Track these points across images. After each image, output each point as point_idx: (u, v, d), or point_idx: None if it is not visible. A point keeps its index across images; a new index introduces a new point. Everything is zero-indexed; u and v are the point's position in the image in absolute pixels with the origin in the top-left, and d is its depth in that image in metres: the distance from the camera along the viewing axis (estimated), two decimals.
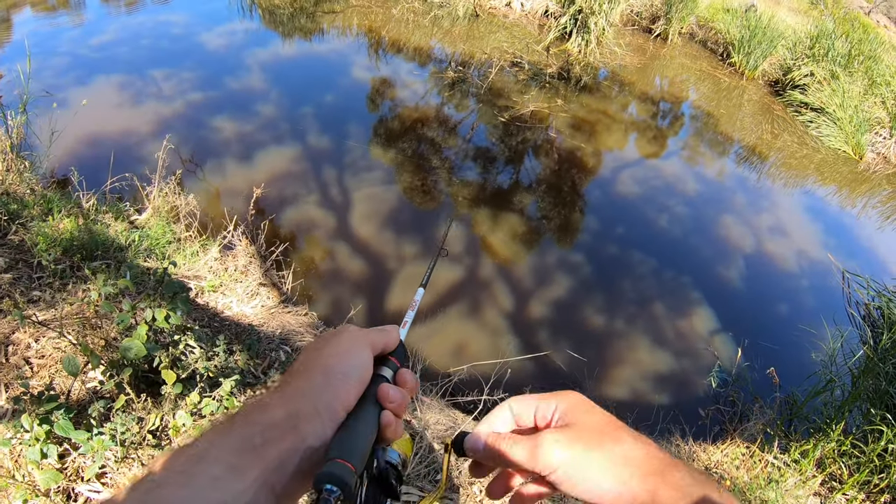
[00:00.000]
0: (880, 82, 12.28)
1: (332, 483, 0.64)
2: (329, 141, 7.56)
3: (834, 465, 4.57)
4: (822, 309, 6.86)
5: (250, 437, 0.67)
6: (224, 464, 0.64)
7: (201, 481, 0.62)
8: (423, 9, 12.01)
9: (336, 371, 0.76)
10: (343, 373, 0.77)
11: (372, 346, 0.83)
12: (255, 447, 0.67)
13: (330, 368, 0.77)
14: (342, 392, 0.75)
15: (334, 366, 0.77)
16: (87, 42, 8.91)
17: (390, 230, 6.33)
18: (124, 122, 7.03)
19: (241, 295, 4.73)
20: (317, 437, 0.70)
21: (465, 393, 4.43)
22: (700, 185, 9.02)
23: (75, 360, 2.71)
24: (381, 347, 0.86)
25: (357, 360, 0.80)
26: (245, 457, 0.65)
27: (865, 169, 10.83)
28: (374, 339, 0.84)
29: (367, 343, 0.83)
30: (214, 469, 0.64)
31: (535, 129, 8.93)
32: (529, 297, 6.02)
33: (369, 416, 0.77)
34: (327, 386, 0.75)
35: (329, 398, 0.74)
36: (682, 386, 5.55)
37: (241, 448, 0.66)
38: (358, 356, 0.80)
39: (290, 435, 0.69)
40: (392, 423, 0.78)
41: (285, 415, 0.71)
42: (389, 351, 0.88)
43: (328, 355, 0.79)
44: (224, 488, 0.63)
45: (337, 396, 0.74)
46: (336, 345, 0.80)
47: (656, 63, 12.97)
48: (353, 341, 0.82)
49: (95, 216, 4.88)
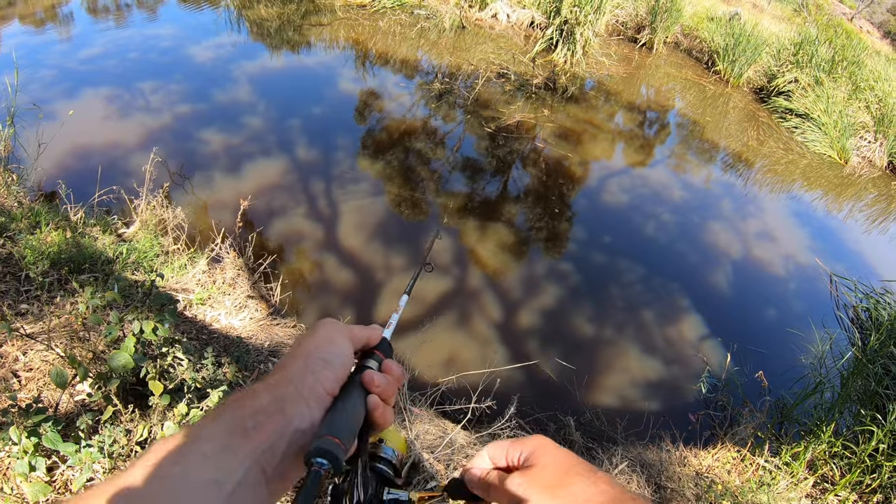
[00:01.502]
0: (864, 87, 12.41)
1: (322, 457, 0.67)
2: (317, 153, 7.56)
3: (825, 467, 4.58)
4: (811, 312, 6.89)
5: (240, 420, 0.70)
6: (216, 444, 0.67)
7: (194, 459, 0.65)
8: (409, 21, 12.07)
9: (316, 357, 0.80)
10: (323, 359, 0.80)
11: (352, 337, 0.87)
12: (246, 429, 0.69)
13: (310, 354, 0.80)
14: (323, 376, 0.78)
15: (314, 352, 0.81)
16: (76, 55, 8.91)
17: (378, 242, 6.33)
18: (112, 135, 7.01)
19: (229, 307, 4.72)
20: (303, 419, 0.73)
21: (453, 402, 4.42)
22: (687, 193, 9.06)
23: (63, 373, 2.70)
24: (364, 341, 0.90)
25: (336, 347, 0.83)
26: (235, 438, 0.68)
27: (851, 173, 10.91)
28: (355, 331, 0.89)
29: (346, 333, 0.87)
30: (206, 448, 0.67)
31: (522, 140, 8.96)
32: (518, 306, 6.03)
33: (356, 399, 0.79)
34: (308, 371, 0.78)
35: (311, 382, 0.77)
36: (672, 392, 5.56)
37: (232, 430, 0.69)
38: (337, 344, 0.84)
39: (277, 417, 0.72)
40: (379, 406, 0.81)
41: (271, 399, 0.74)
42: (373, 345, 0.91)
43: (308, 343, 0.82)
44: (216, 466, 0.65)
45: (319, 380, 0.78)
46: (316, 335, 0.84)
47: (642, 72, 13.04)
48: (333, 331, 0.86)
49: (83, 229, 4.86)
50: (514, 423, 4.31)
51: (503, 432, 4.23)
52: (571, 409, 4.99)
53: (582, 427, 4.82)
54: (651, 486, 4.16)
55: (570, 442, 4.57)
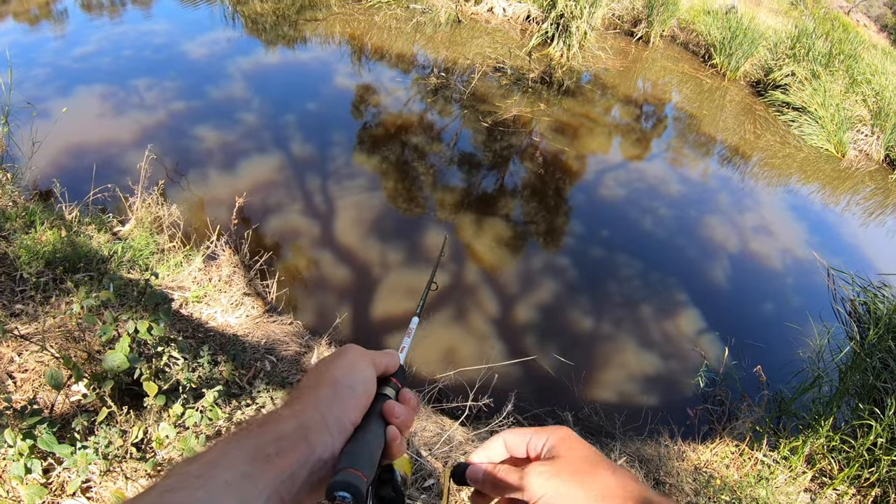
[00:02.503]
0: (861, 80, 12.39)
1: (345, 490, 0.67)
2: (312, 149, 7.54)
3: (823, 461, 4.58)
4: (808, 306, 6.89)
5: (262, 447, 0.69)
6: (237, 471, 0.66)
7: (215, 486, 0.64)
8: (405, 15, 12.04)
9: (343, 385, 0.80)
10: (349, 386, 0.80)
11: (375, 364, 0.87)
12: (268, 456, 0.69)
13: (337, 382, 0.80)
14: (349, 405, 0.79)
15: (341, 380, 0.80)
16: (70, 53, 8.86)
17: (375, 238, 6.31)
18: (106, 133, 6.98)
19: (225, 305, 4.71)
20: (325, 449, 0.73)
21: (450, 399, 4.41)
22: (684, 187, 9.05)
23: (58, 374, 2.69)
24: (384, 368, 0.89)
25: (362, 375, 0.83)
26: (257, 465, 0.68)
27: (848, 166, 10.91)
28: (377, 358, 0.88)
29: (370, 361, 0.86)
30: (228, 475, 0.66)
31: (519, 134, 8.94)
32: (515, 301, 6.02)
33: (377, 430, 0.80)
34: (335, 399, 0.78)
35: (337, 412, 0.77)
36: (670, 387, 5.56)
37: (254, 457, 0.68)
38: (362, 372, 0.83)
39: (301, 446, 0.71)
40: (398, 438, 0.82)
41: (296, 426, 0.73)
42: (391, 372, 0.91)
43: (335, 370, 0.82)
44: (236, 494, 0.65)
45: (344, 410, 0.78)
46: (342, 361, 0.84)
47: (638, 66, 13.02)
48: (358, 358, 0.85)
49: (78, 228, 4.84)
50: (511, 419, 4.31)
51: (501, 429, 4.21)
52: (569, 404, 4.99)
53: (580, 422, 4.82)
54: (650, 481, 4.15)
55: None
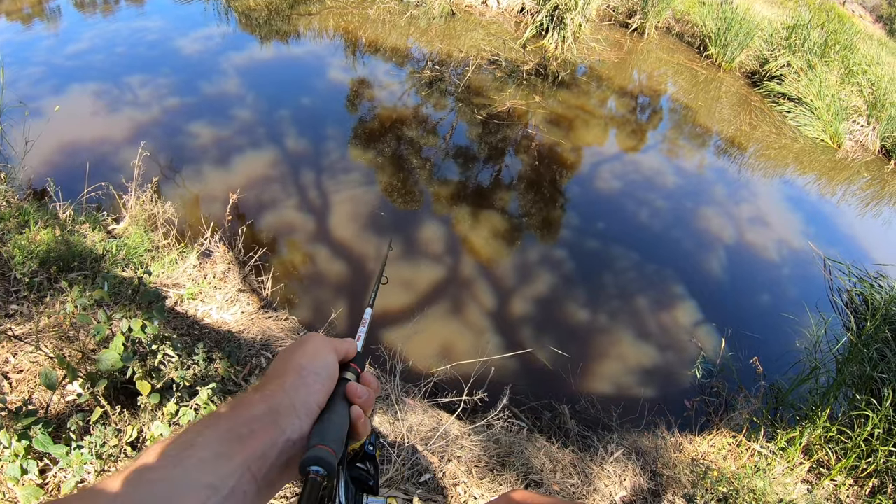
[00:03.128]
0: (856, 71, 12.41)
1: (317, 464, 0.71)
2: (307, 144, 7.52)
3: (821, 452, 4.59)
4: (805, 297, 6.90)
5: (235, 429, 0.74)
6: (211, 450, 0.70)
7: (191, 464, 0.68)
8: (398, 9, 12.00)
9: (308, 370, 0.84)
10: (314, 372, 0.85)
11: (336, 350, 0.92)
12: (241, 437, 0.73)
13: (302, 368, 0.84)
14: (315, 389, 0.83)
15: (306, 366, 0.85)
16: (63, 51, 8.82)
17: (370, 232, 6.30)
18: (100, 131, 6.95)
19: (220, 302, 4.70)
20: (294, 430, 0.77)
21: (446, 393, 4.41)
22: (680, 178, 9.05)
23: (52, 374, 2.69)
24: (344, 354, 0.95)
25: (324, 360, 0.88)
26: (230, 445, 0.72)
27: (844, 157, 10.92)
28: (338, 345, 0.93)
29: (332, 347, 0.91)
30: (203, 453, 0.70)
31: (514, 127, 8.93)
32: (511, 294, 6.02)
33: (341, 411, 0.84)
34: (301, 384, 0.82)
35: (304, 395, 0.81)
36: (667, 378, 5.56)
37: (227, 437, 0.72)
38: (325, 358, 0.88)
39: (271, 427, 0.75)
40: (362, 416, 0.87)
41: (266, 409, 0.77)
42: (350, 358, 0.96)
43: (300, 357, 0.86)
44: (211, 471, 0.69)
45: (311, 393, 0.82)
46: (306, 349, 0.88)
47: (633, 57, 13.00)
48: (321, 345, 0.90)
49: (72, 227, 4.83)
50: (507, 412, 4.31)
51: (497, 423, 4.22)
52: (566, 396, 5.00)
53: (577, 415, 4.83)
54: (647, 474, 4.16)
55: (566, 430, 4.57)
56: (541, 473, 3.84)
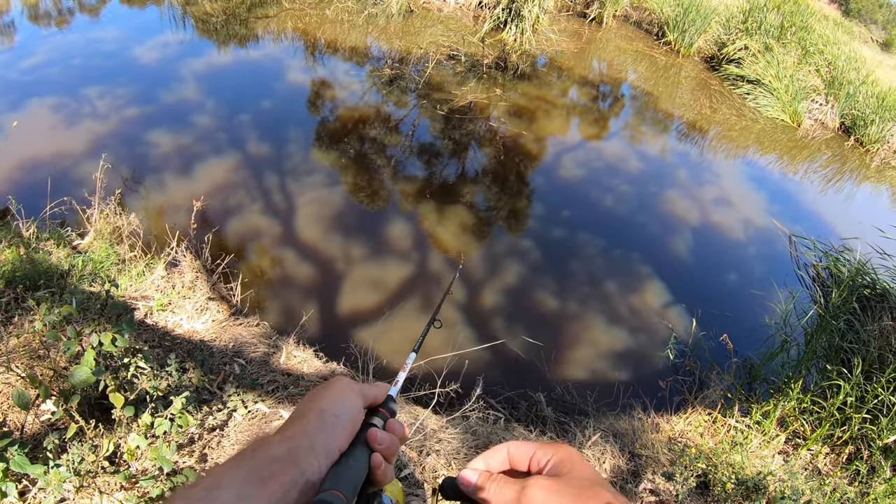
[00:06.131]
0: (813, 51, 12.60)
1: None
2: (269, 148, 7.44)
3: (796, 423, 4.63)
4: (772, 273, 6.96)
5: (257, 470, 0.74)
6: (235, 492, 0.71)
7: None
8: (356, 8, 11.94)
9: (329, 413, 0.84)
10: (335, 415, 0.84)
11: (362, 394, 0.92)
12: (262, 479, 0.73)
13: (323, 411, 0.84)
14: (335, 432, 0.83)
15: (327, 409, 0.85)
16: (18, 65, 8.66)
17: (337, 232, 6.25)
18: (60, 145, 6.82)
19: (190, 311, 4.64)
20: (314, 472, 0.77)
21: (420, 388, 4.38)
22: (643, 164, 9.10)
23: (25, 394, 2.63)
24: (372, 399, 0.94)
25: (347, 404, 0.87)
26: (253, 487, 0.72)
27: (804, 135, 11.07)
28: (365, 390, 0.93)
29: (357, 391, 0.91)
30: (227, 496, 0.70)
31: (476, 121, 8.93)
32: (481, 287, 6.00)
33: (360, 456, 0.83)
34: (321, 426, 0.82)
35: (324, 437, 0.81)
36: (640, 361, 5.58)
37: (249, 479, 0.73)
38: (349, 400, 0.88)
39: (292, 468, 0.76)
40: (381, 464, 0.85)
41: (286, 451, 0.77)
42: (379, 403, 0.95)
43: (322, 400, 0.86)
44: None
45: (331, 436, 0.82)
46: (329, 392, 0.88)
47: (593, 47, 13.08)
48: (345, 388, 0.90)
49: (37, 244, 4.73)
50: (481, 402, 4.29)
51: (472, 413, 4.20)
52: (541, 385, 4.99)
53: (553, 402, 4.82)
54: (625, 455, 4.16)
55: (542, 418, 4.56)
56: None
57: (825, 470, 4.42)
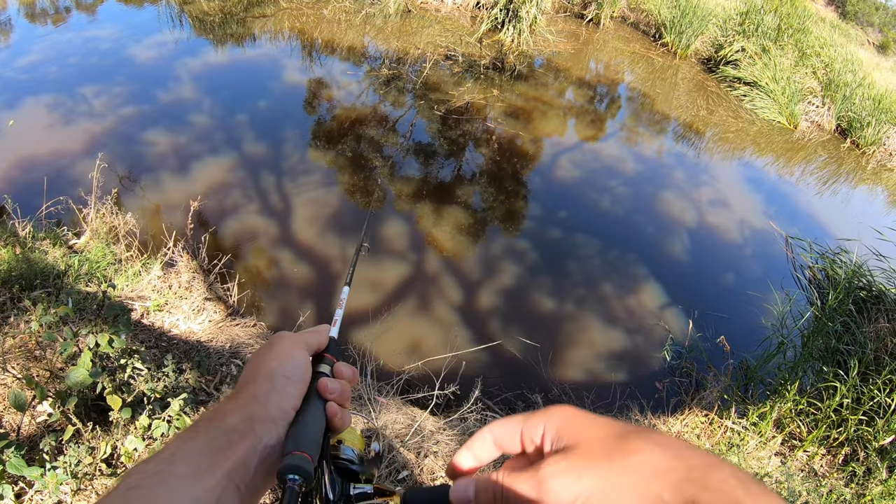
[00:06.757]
0: (810, 53, 12.62)
1: (293, 473, 0.71)
2: (266, 147, 7.42)
3: (792, 424, 4.64)
4: (769, 275, 6.98)
5: (213, 440, 0.73)
6: (193, 465, 0.70)
7: (173, 481, 0.68)
8: (354, 8, 11.92)
9: (279, 374, 0.83)
10: (285, 376, 0.83)
11: (307, 346, 0.90)
12: (219, 448, 0.72)
13: (273, 372, 0.83)
14: (287, 394, 0.81)
15: (277, 369, 0.83)
16: (15, 63, 8.61)
17: (334, 232, 6.24)
18: (56, 144, 6.79)
19: (187, 312, 4.62)
20: (272, 437, 0.77)
21: (418, 389, 4.38)
22: (640, 165, 9.11)
23: (21, 395, 2.62)
24: (316, 346, 0.92)
25: (295, 361, 0.86)
26: (211, 457, 0.71)
27: (801, 137, 11.09)
28: (308, 340, 0.91)
29: (302, 345, 0.89)
30: (184, 469, 0.69)
31: (473, 121, 8.92)
32: (478, 288, 6.00)
33: (316, 410, 0.83)
34: (273, 390, 0.81)
35: (277, 400, 0.80)
36: (637, 362, 5.58)
37: (206, 450, 0.72)
38: (296, 358, 0.86)
39: (249, 436, 0.75)
40: (337, 412, 0.85)
41: (241, 418, 0.76)
42: (323, 349, 0.94)
43: (270, 361, 0.84)
44: (195, 486, 0.68)
45: (284, 398, 0.81)
46: (275, 351, 0.86)
47: (590, 48, 13.08)
48: (290, 345, 0.88)
49: (33, 244, 4.71)
50: (480, 404, 4.29)
51: (470, 415, 4.20)
52: (539, 386, 4.99)
53: (550, 403, 4.79)
54: None
55: None
56: None
57: (822, 471, 4.42)
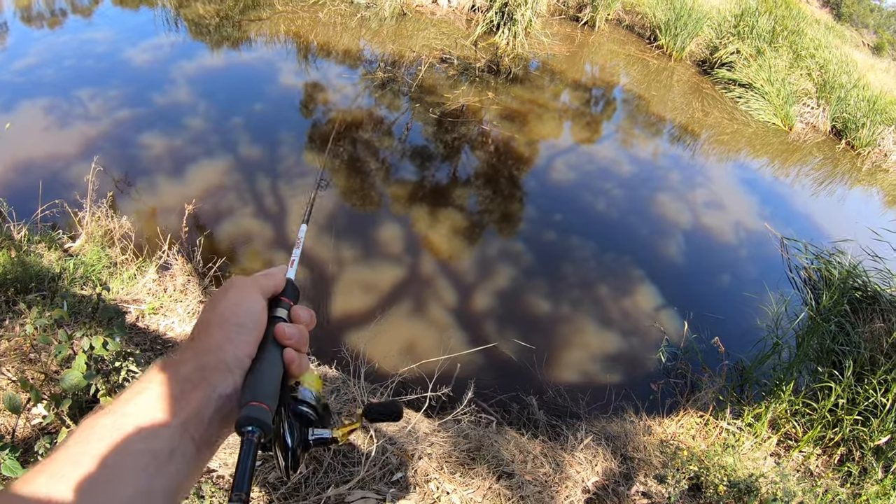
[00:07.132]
0: (805, 55, 12.66)
1: (251, 424, 0.70)
2: (262, 150, 7.41)
3: (788, 425, 4.64)
4: (764, 276, 6.98)
5: (166, 391, 0.73)
6: (146, 416, 0.70)
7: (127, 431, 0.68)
8: (349, 11, 11.93)
9: (232, 323, 0.81)
10: (238, 324, 0.81)
11: (262, 290, 0.88)
12: (174, 398, 0.73)
13: (226, 321, 0.81)
14: (241, 342, 0.80)
15: (229, 317, 0.82)
16: (10, 66, 8.60)
17: (329, 235, 6.24)
18: (52, 147, 6.77)
19: (182, 315, 4.61)
20: (227, 386, 0.76)
21: (412, 391, 4.37)
22: (635, 167, 9.12)
23: (16, 398, 2.61)
24: (272, 290, 0.91)
25: (250, 307, 0.84)
26: (164, 408, 0.72)
27: (795, 139, 11.11)
28: (263, 283, 0.89)
29: (256, 289, 0.87)
30: (138, 420, 0.70)
31: (469, 124, 8.92)
32: (473, 290, 5.99)
33: (273, 357, 0.82)
34: (226, 339, 0.80)
35: (231, 350, 0.79)
36: (632, 363, 5.58)
37: (159, 401, 0.72)
38: (250, 304, 0.85)
39: (203, 385, 0.75)
40: (295, 358, 0.85)
41: (194, 368, 0.76)
42: (280, 292, 0.92)
43: (223, 308, 0.83)
44: (150, 438, 0.69)
45: (239, 346, 0.80)
46: (228, 298, 0.84)
47: (585, 50, 13.10)
48: (244, 291, 0.86)
49: (27, 247, 4.70)
50: (473, 406, 4.28)
51: (464, 417, 4.20)
52: (533, 388, 4.98)
53: (545, 405, 4.81)
54: (618, 458, 4.16)
55: (535, 421, 4.56)
56: (512, 464, 3.81)
57: (817, 471, 4.43)
